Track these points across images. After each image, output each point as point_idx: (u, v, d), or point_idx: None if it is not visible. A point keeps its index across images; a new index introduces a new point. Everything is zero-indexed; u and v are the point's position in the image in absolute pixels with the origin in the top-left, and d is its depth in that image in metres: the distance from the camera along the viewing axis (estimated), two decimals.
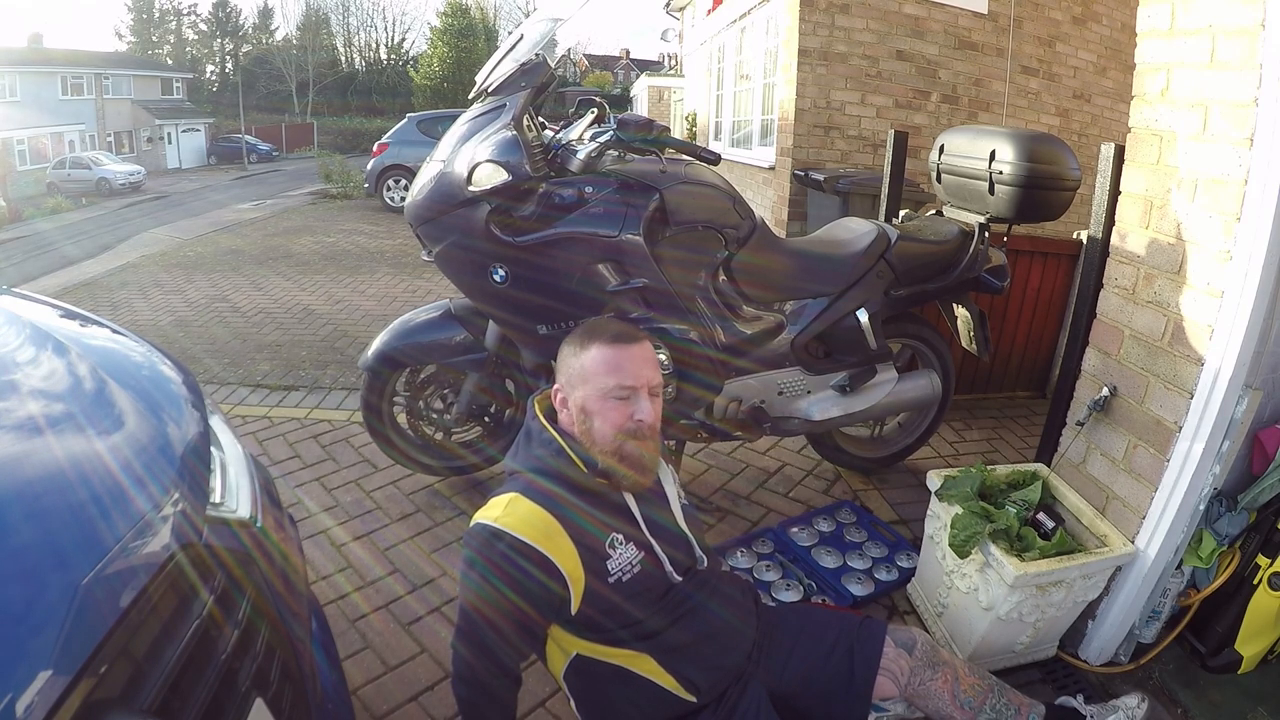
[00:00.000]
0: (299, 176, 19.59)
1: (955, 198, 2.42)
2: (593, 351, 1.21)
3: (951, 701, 1.35)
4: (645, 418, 1.21)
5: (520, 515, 1.15)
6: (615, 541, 1.21)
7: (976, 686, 1.37)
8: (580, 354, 1.23)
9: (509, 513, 1.15)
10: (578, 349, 1.24)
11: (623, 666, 1.24)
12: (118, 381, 1.12)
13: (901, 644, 1.38)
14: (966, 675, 1.39)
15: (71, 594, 0.69)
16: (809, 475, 2.66)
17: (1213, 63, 1.47)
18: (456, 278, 1.98)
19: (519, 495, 1.17)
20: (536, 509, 1.16)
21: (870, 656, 1.35)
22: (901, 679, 1.35)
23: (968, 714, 1.34)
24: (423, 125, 9.74)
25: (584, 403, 1.22)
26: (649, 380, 1.23)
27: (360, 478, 2.55)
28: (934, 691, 1.35)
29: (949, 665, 1.39)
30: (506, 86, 1.88)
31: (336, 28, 40.83)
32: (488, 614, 1.14)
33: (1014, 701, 1.38)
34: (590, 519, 1.19)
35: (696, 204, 1.97)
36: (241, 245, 7.66)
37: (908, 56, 4.72)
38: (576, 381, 1.23)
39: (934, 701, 1.36)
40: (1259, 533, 1.69)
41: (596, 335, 1.23)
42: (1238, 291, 1.42)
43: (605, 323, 1.29)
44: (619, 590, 1.20)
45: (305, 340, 4.18)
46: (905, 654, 1.37)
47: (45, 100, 24.90)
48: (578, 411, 1.23)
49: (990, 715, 1.35)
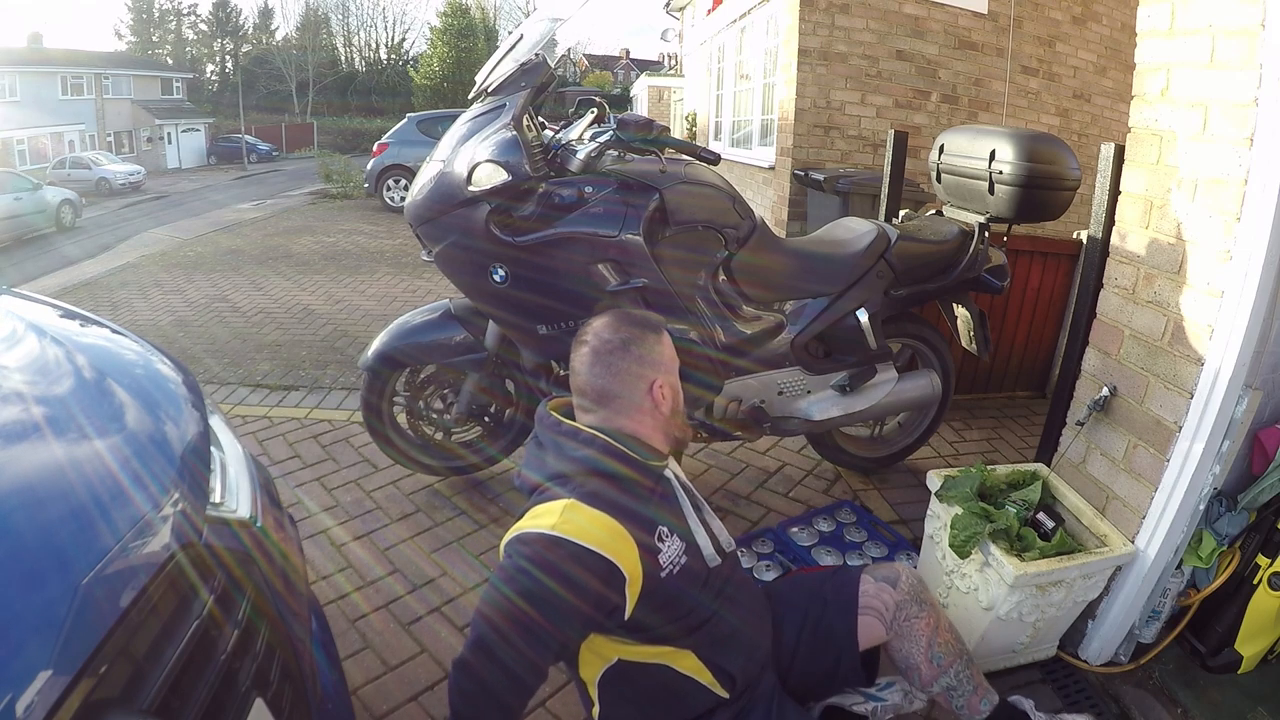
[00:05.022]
0: (299, 176, 19.59)
1: (955, 198, 2.42)
2: (665, 338, 1.30)
3: (926, 650, 1.34)
4: None
5: (581, 523, 1.10)
6: (663, 534, 1.19)
7: (951, 645, 1.37)
8: (661, 341, 1.28)
9: (567, 520, 1.10)
10: (657, 338, 1.28)
11: (666, 665, 1.22)
12: (117, 381, 1.12)
13: (883, 579, 1.38)
14: (945, 629, 1.37)
15: (71, 594, 0.69)
16: (809, 475, 2.66)
17: (1213, 62, 1.47)
18: (456, 278, 1.98)
19: (576, 502, 1.12)
20: (597, 514, 1.12)
21: (847, 602, 1.35)
22: (887, 614, 1.35)
23: (934, 670, 1.34)
24: (423, 125, 9.74)
25: (674, 386, 1.28)
26: None
27: (360, 478, 2.55)
28: (916, 632, 1.34)
29: (933, 609, 1.38)
30: (506, 86, 1.88)
31: (336, 28, 40.90)
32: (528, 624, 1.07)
33: (975, 679, 1.37)
34: (643, 515, 1.18)
35: (696, 204, 1.97)
36: (241, 245, 7.66)
37: (908, 56, 4.72)
38: (671, 366, 1.29)
39: (910, 644, 1.35)
40: (1259, 533, 1.69)
41: (652, 323, 1.30)
42: (1238, 291, 1.42)
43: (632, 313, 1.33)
44: (671, 584, 1.18)
45: (305, 340, 4.18)
46: (889, 587, 1.37)
47: (45, 100, 24.90)
48: (672, 395, 1.27)
49: (951, 680, 1.35)
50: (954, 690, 1.35)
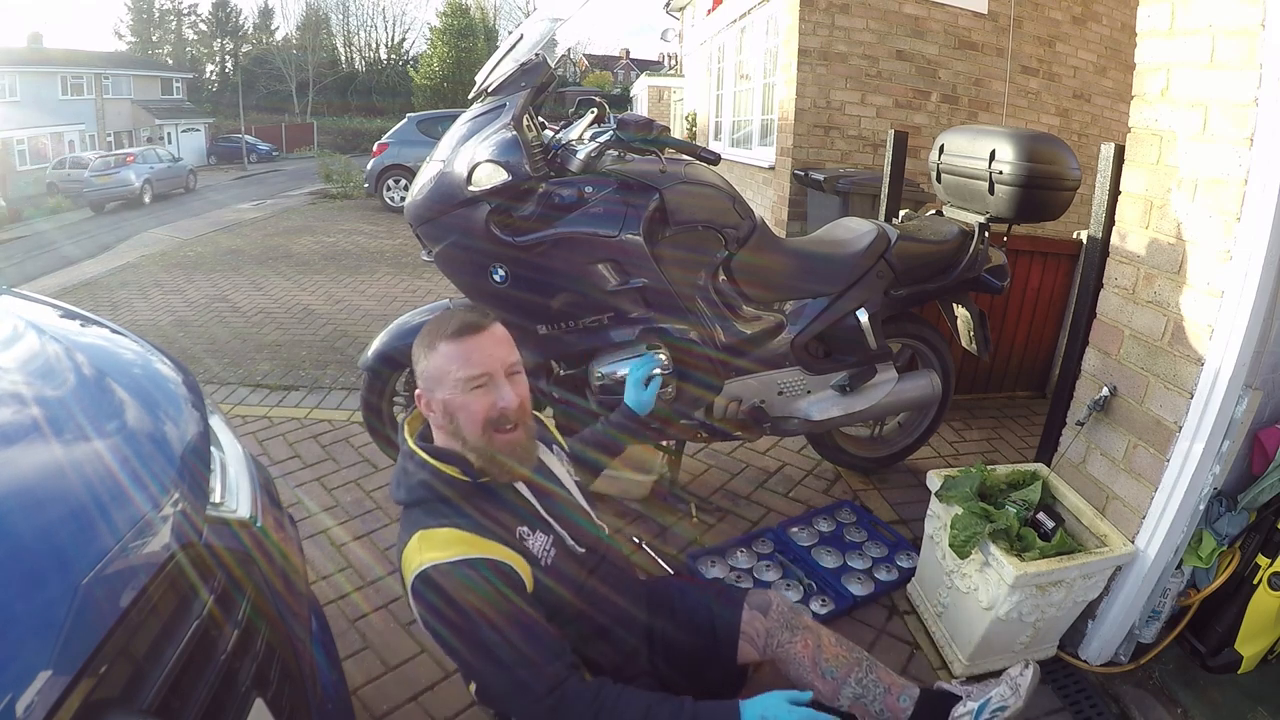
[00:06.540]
0: (299, 176, 19.57)
1: (955, 198, 2.42)
2: (441, 349, 1.16)
3: (813, 668, 1.33)
4: (508, 403, 1.16)
5: (440, 544, 1.10)
6: (523, 534, 1.19)
7: (842, 658, 1.35)
8: (430, 355, 1.17)
9: (425, 549, 1.10)
10: (426, 350, 1.18)
11: None
12: (117, 381, 1.12)
13: (756, 606, 1.38)
14: (831, 645, 1.36)
15: (71, 594, 0.69)
16: (809, 475, 2.66)
17: (1213, 63, 1.47)
18: (456, 278, 1.98)
19: (424, 531, 1.12)
20: (447, 532, 1.11)
21: (731, 622, 1.36)
22: (759, 641, 1.35)
23: (831, 684, 1.33)
24: (423, 125, 9.74)
25: (446, 403, 1.17)
26: (503, 361, 1.18)
27: (360, 478, 2.55)
28: (794, 656, 1.34)
29: (810, 631, 1.37)
30: (506, 86, 1.88)
31: (336, 28, 40.81)
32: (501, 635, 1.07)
33: (884, 680, 1.36)
34: (494, 522, 1.16)
35: (696, 204, 1.97)
36: (241, 245, 7.66)
37: (908, 56, 4.72)
38: (433, 384, 1.17)
39: (795, 667, 1.34)
40: (1259, 533, 1.69)
41: (441, 332, 1.17)
42: (1238, 291, 1.42)
43: (448, 317, 1.20)
44: (550, 574, 1.19)
45: (305, 340, 4.18)
46: (760, 615, 1.37)
47: (45, 100, 24.87)
48: (443, 414, 1.18)
49: (856, 689, 1.33)
50: (864, 698, 1.34)
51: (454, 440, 1.19)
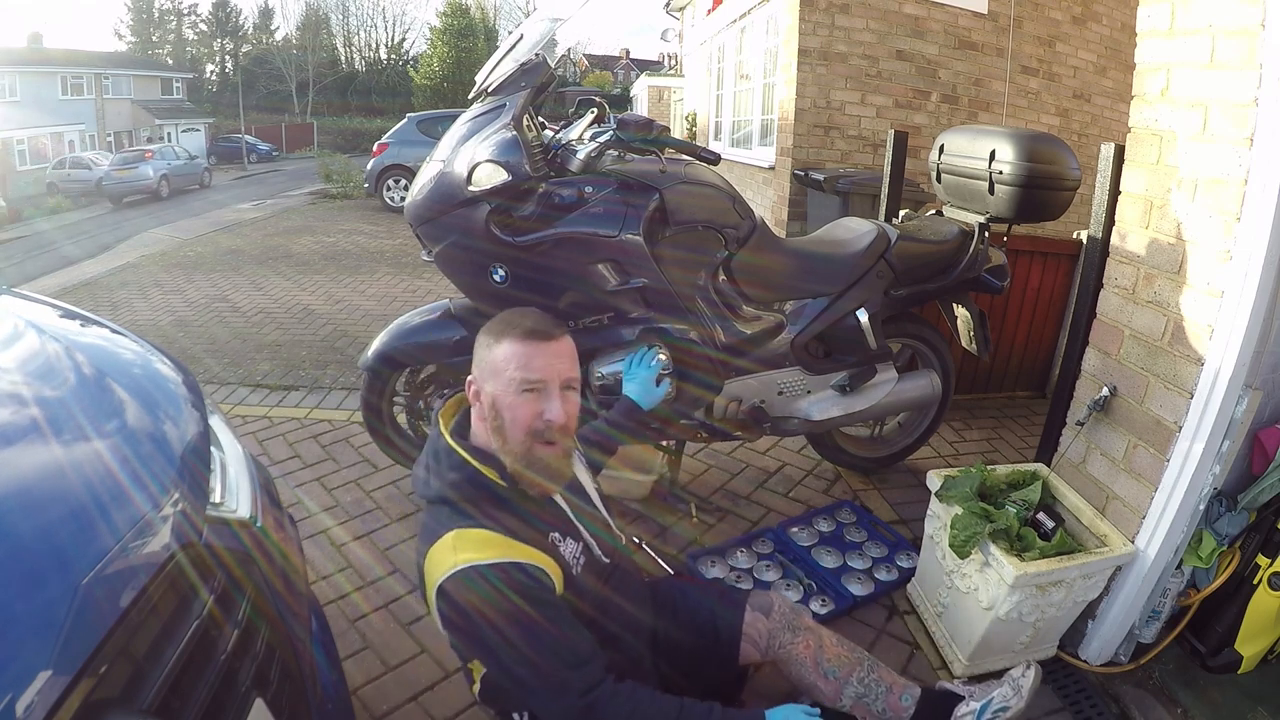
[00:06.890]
0: (299, 176, 19.57)
1: (955, 198, 2.42)
2: (505, 345, 1.14)
3: (814, 669, 1.34)
4: (555, 417, 1.14)
5: (476, 545, 1.09)
6: (556, 540, 1.19)
7: (843, 658, 1.36)
8: (494, 347, 1.15)
9: (462, 548, 1.09)
10: (492, 341, 1.16)
11: None
12: (117, 381, 1.12)
13: (758, 608, 1.39)
14: (832, 645, 1.37)
15: (71, 594, 0.69)
16: (809, 475, 2.66)
17: (1213, 62, 1.47)
18: (456, 278, 1.98)
19: (460, 530, 1.11)
20: (484, 533, 1.11)
21: (733, 623, 1.36)
22: (760, 642, 1.36)
23: (833, 684, 1.33)
24: (423, 125, 9.73)
25: (495, 398, 1.15)
26: (562, 375, 1.17)
27: (360, 478, 2.55)
28: (796, 656, 1.35)
29: (811, 631, 1.38)
30: (506, 86, 1.88)
31: (336, 28, 40.81)
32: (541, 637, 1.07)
33: (885, 679, 1.36)
34: (529, 526, 1.16)
35: (696, 204, 1.97)
36: (241, 245, 7.65)
37: (908, 56, 4.72)
38: (488, 375, 1.16)
39: (797, 668, 1.35)
40: (1259, 533, 1.69)
41: (511, 328, 1.16)
42: (1238, 291, 1.42)
43: (522, 315, 1.20)
44: (577, 582, 1.20)
45: (305, 340, 4.18)
46: (762, 617, 1.37)
47: (45, 100, 24.87)
48: (489, 407, 1.16)
49: (859, 689, 1.34)
50: (866, 697, 1.34)
51: (495, 436, 1.16)
